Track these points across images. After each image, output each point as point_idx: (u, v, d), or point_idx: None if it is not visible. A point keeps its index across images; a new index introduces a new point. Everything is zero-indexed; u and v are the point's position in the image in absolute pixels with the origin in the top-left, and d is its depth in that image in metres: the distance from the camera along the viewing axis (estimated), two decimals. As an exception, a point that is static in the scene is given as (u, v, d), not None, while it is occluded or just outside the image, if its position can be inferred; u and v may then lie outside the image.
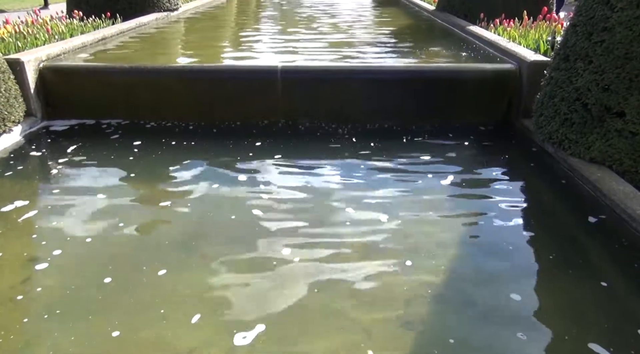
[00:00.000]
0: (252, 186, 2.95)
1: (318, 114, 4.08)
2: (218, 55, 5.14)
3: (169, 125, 3.98)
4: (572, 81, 3.10)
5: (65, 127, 3.97)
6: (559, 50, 3.36)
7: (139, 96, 4.09)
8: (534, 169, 3.27)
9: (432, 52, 5.13)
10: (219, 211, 2.68)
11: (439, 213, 2.68)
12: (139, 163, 3.27)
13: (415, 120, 4.01)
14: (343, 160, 3.35)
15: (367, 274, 2.16)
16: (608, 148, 2.87)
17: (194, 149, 3.54)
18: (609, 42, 2.84)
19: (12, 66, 3.74)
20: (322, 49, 5.28)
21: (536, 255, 2.33)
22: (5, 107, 3.47)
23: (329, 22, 7.66)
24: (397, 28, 6.95)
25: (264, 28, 7.06)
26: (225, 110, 4.08)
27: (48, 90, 4.06)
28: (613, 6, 2.83)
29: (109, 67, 4.27)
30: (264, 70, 4.23)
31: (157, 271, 2.14)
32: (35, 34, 4.77)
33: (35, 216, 2.61)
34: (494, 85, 4.05)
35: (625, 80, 2.77)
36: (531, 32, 4.92)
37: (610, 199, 2.65)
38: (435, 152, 3.50)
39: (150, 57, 4.83)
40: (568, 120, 3.12)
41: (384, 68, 4.34)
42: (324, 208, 2.71)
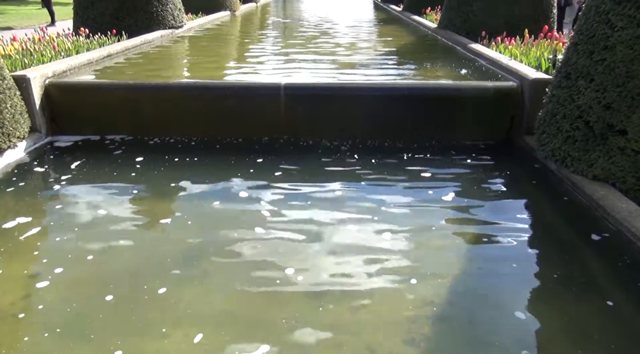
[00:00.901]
0: (253, 203, 2.95)
1: (320, 131, 4.09)
2: (222, 72, 5.19)
3: (172, 141, 4.00)
4: (574, 99, 3.11)
5: (70, 143, 3.99)
6: (560, 68, 3.38)
7: (142, 112, 4.12)
8: (537, 186, 3.26)
9: (434, 70, 5.17)
10: (220, 228, 2.67)
11: (442, 230, 2.67)
12: (141, 180, 3.28)
13: (417, 137, 4.02)
14: (344, 177, 3.35)
15: (370, 292, 2.14)
16: (611, 165, 2.87)
17: (196, 165, 3.55)
18: (610, 60, 2.86)
19: (19, 82, 3.78)
20: (324, 65, 5.33)
21: (540, 272, 2.32)
22: (10, 122, 3.50)
23: (331, 40, 7.74)
24: (399, 45, 7.02)
25: (267, 46, 7.14)
26: (229, 127, 4.10)
27: (53, 106, 4.09)
28: (613, 25, 2.86)
29: (113, 84, 4.31)
30: (267, 87, 4.26)
31: (159, 288, 2.13)
32: (42, 50, 4.83)
33: (37, 233, 2.61)
34: (496, 102, 4.07)
35: (627, 98, 2.77)
36: (532, 50, 4.96)
37: (613, 217, 2.64)
38: (438, 168, 3.50)
39: (154, 73, 4.88)
40: (570, 138, 3.12)
41: (386, 86, 4.37)
42: (326, 226, 2.70)
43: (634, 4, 2.74)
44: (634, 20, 2.73)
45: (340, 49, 6.64)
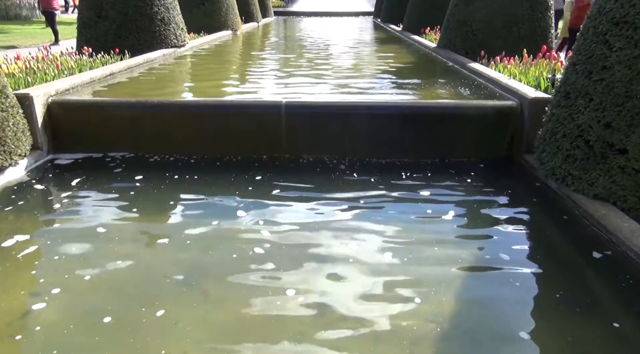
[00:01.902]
0: (252, 221, 2.94)
1: (320, 149, 4.11)
2: (223, 90, 5.22)
3: (172, 159, 4.01)
4: (574, 118, 3.13)
5: (71, 161, 4.00)
6: (559, 88, 3.40)
7: (144, 130, 4.14)
8: (538, 205, 3.26)
9: (433, 88, 5.21)
10: (219, 247, 2.66)
11: (443, 249, 2.66)
12: (141, 198, 3.28)
13: (417, 156, 4.03)
14: (343, 196, 3.34)
15: (372, 310, 2.12)
16: (612, 184, 2.87)
17: (195, 183, 3.55)
18: (609, 80, 2.88)
19: (21, 101, 3.81)
20: (325, 84, 5.37)
21: (543, 292, 2.30)
22: (12, 140, 3.51)
23: (331, 59, 7.82)
24: (399, 64, 7.08)
25: (268, 64, 7.21)
26: (229, 144, 4.12)
27: (55, 124, 4.11)
28: (611, 46, 2.89)
29: (115, 102, 4.34)
30: (268, 105, 4.29)
31: (158, 309, 2.11)
32: (45, 69, 4.87)
33: (35, 252, 2.59)
34: (496, 121, 4.09)
35: (626, 117, 2.79)
36: (531, 69, 5.01)
37: (615, 236, 2.63)
38: (437, 187, 3.50)
39: (156, 91, 4.91)
40: (571, 157, 3.13)
41: (386, 104, 4.40)
42: (326, 245, 2.69)
43: (631, 25, 2.77)
44: (631, 41, 2.77)
45: (341, 68, 6.70)
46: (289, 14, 28.76)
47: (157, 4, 7.02)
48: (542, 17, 6.27)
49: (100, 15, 6.71)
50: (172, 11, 7.41)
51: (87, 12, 6.80)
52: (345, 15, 27.23)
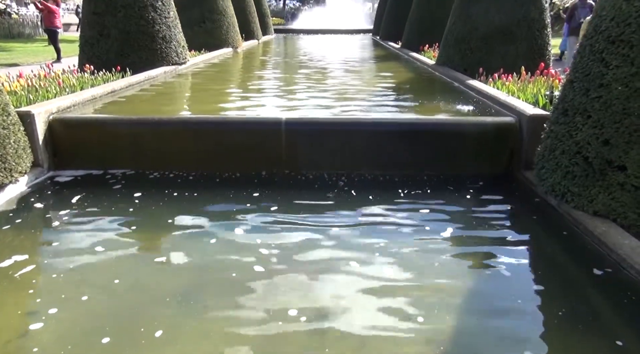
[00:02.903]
0: (251, 239, 2.93)
1: (320, 165, 4.12)
2: (223, 107, 5.26)
3: (171, 176, 4.01)
4: (572, 135, 3.14)
5: (71, 178, 4.00)
6: (557, 105, 3.43)
7: (144, 147, 4.16)
8: (538, 221, 3.25)
9: (432, 105, 5.25)
10: (218, 265, 2.65)
11: (443, 267, 2.65)
12: (140, 215, 3.27)
13: (416, 172, 4.04)
14: (343, 213, 3.34)
15: (373, 330, 2.10)
16: (611, 201, 2.87)
17: (195, 200, 3.54)
18: (607, 97, 2.91)
19: (23, 118, 3.83)
20: (325, 100, 5.40)
21: (545, 310, 2.28)
22: (13, 158, 3.52)
23: (331, 75, 7.88)
24: (398, 81, 7.14)
25: (268, 81, 7.27)
26: (229, 161, 4.13)
27: (56, 141, 4.13)
28: (608, 64, 2.92)
29: (116, 119, 4.36)
30: (268, 122, 4.31)
31: (157, 329, 2.09)
32: (47, 87, 4.91)
33: (33, 270, 2.57)
34: (495, 138, 4.11)
35: (624, 134, 2.80)
36: (529, 86, 5.05)
37: (616, 253, 2.62)
38: (437, 204, 3.50)
39: (157, 108, 4.95)
40: (570, 173, 3.14)
41: (385, 121, 4.42)
42: (326, 263, 2.67)
43: (627, 44, 2.80)
44: (627, 59, 2.80)
45: (341, 84, 6.75)
46: (289, 32, 29.11)
47: (159, 23, 7.11)
48: (539, 36, 6.34)
49: (103, 34, 6.79)
50: (174, 29, 7.50)
51: (89, 30, 6.89)
52: (344, 32, 27.55)
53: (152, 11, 7.01)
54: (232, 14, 12.39)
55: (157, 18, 7.08)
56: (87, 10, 6.92)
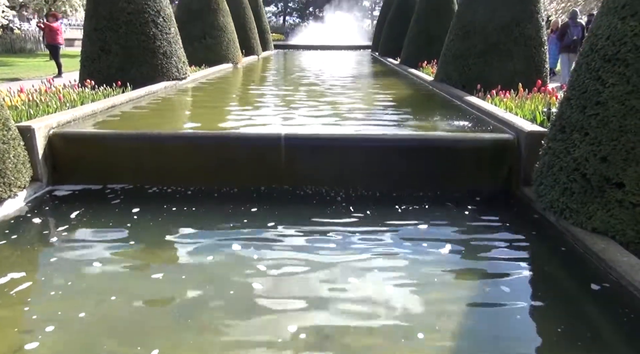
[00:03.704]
0: (249, 255, 2.92)
1: (319, 180, 4.12)
2: (223, 121, 5.28)
3: (170, 191, 4.01)
4: (570, 152, 3.16)
5: (70, 192, 4.00)
6: (555, 122, 3.45)
7: (144, 162, 4.17)
8: (537, 238, 3.25)
9: (431, 121, 5.28)
10: (216, 281, 2.63)
11: (442, 283, 2.64)
12: (139, 231, 3.26)
13: (414, 188, 4.04)
14: (341, 229, 3.32)
15: (374, 346, 2.09)
16: (610, 218, 2.87)
17: (193, 215, 3.54)
18: (603, 115, 2.93)
19: (23, 133, 3.84)
20: (324, 116, 5.44)
21: (544, 326, 2.27)
22: (12, 172, 3.53)
23: (330, 91, 7.94)
24: (397, 97, 7.19)
25: (267, 97, 7.32)
26: (229, 176, 4.14)
27: (56, 155, 4.14)
28: (604, 82, 2.95)
29: (116, 134, 4.38)
30: (268, 137, 4.33)
31: (154, 347, 2.07)
32: (48, 101, 4.94)
33: (30, 287, 2.55)
34: (493, 154, 4.13)
35: (621, 152, 2.82)
36: (527, 103, 5.08)
37: (615, 270, 2.61)
38: (435, 220, 3.50)
39: (156, 123, 4.97)
40: (568, 190, 3.15)
41: (384, 137, 4.43)
42: (324, 281, 2.65)
43: (622, 62, 2.84)
44: (623, 77, 2.83)
45: (340, 100, 6.79)
46: (288, 48, 29.37)
47: (160, 38, 7.18)
48: (536, 53, 6.41)
49: (104, 49, 6.86)
50: (174, 45, 7.57)
51: (90, 46, 6.95)
52: (344, 48, 27.80)
53: (154, 27, 7.09)
54: (232, 30, 12.52)
55: (158, 34, 7.15)
56: (88, 26, 6.99)
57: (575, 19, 10.96)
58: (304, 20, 63.57)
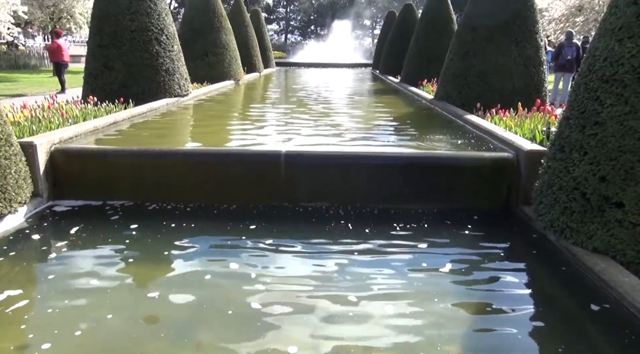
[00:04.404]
0: (247, 273, 2.90)
1: (319, 197, 4.13)
2: (224, 138, 5.31)
3: (169, 208, 4.01)
4: (569, 171, 3.17)
5: (70, 208, 4.01)
6: (554, 141, 3.47)
7: (144, 178, 4.18)
8: (537, 257, 3.24)
9: (431, 139, 5.30)
10: (214, 300, 2.61)
11: (442, 302, 2.62)
12: (137, 248, 3.25)
13: (414, 206, 4.04)
14: (340, 248, 3.32)
15: (368, 369, 2.07)
16: (610, 238, 2.86)
17: (192, 232, 3.53)
18: (602, 135, 2.94)
19: (25, 149, 3.86)
20: (324, 134, 5.46)
21: (545, 347, 2.26)
22: (13, 188, 3.54)
23: (331, 109, 7.99)
24: (397, 115, 7.23)
25: (268, 114, 7.36)
26: (229, 193, 4.14)
27: (57, 171, 4.15)
28: (603, 102, 2.97)
29: (117, 150, 4.40)
30: (268, 154, 4.35)
31: (150, 363, 2.06)
32: (50, 117, 4.97)
33: (27, 305, 2.53)
34: (493, 173, 4.13)
35: (620, 171, 2.83)
36: (527, 122, 5.12)
37: (616, 291, 2.60)
38: (434, 238, 3.49)
39: (157, 140, 4.99)
40: (568, 209, 3.15)
41: (384, 155, 4.45)
42: (323, 299, 2.63)
43: (620, 83, 2.86)
44: (621, 98, 2.85)
45: (340, 118, 6.83)
46: (289, 65, 29.66)
47: (163, 56, 7.26)
48: (535, 72, 6.48)
49: (107, 66, 6.93)
50: (177, 62, 7.65)
51: (94, 62, 7.03)
52: (345, 66, 28.06)
53: (157, 44, 7.17)
54: (234, 47, 12.66)
55: (161, 51, 7.24)
56: (92, 43, 7.08)
57: (570, 39, 11.28)
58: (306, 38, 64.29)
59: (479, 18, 6.74)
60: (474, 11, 6.87)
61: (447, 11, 11.48)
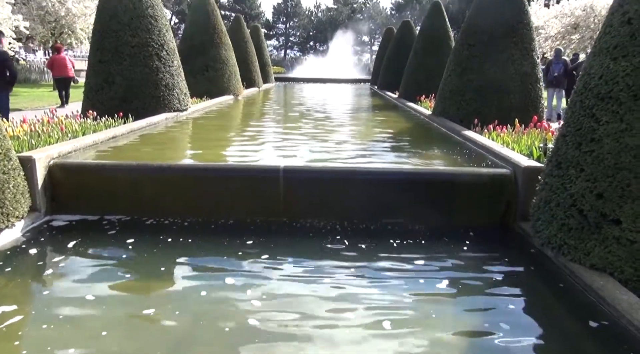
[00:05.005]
0: (244, 289, 2.88)
1: (317, 213, 4.12)
2: (222, 153, 5.32)
3: (167, 223, 4.00)
4: (566, 187, 3.18)
5: (67, 222, 3.99)
6: (551, 157, 3.49)
7: (142, 193, 4.17)
8: (535, 274, 3.23)
9: (429, 155, 5.32)
10: (210, 317, 2.59)
11: (440, 320, 2.60)
12: (134, 263, 3.24)
13: (412, 222, 4.03)
14: (335, 263, 3.30)
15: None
16: (608, 255, 2.86)
17: (189, 247, 3.52)
18: (598, 152, 2.96)
19: (24, 163, 3.87)
20: (323, 149, 5.48)
21: (543, 368, 2.24)
22: (11, 203, 3.53)
23: (330, 124, 8.03)
24: (396, 131, 7.27)
25: (267, 129, 7.40)
26: (227, 208, 4.14)
27: (55, 185, 4.15)
28: (598, 119, 3.00)
29: (115, 164, 4.41)
30: (266, 169, 4.35)
31: (145, 381, 2.03)
32: (50, 132, 4.99)
33: (21, 321, 2.50)
34: (491, 188, 4.14)
35: (617, 188, 2.84)
36: (524, 138, 5.14)
37: (614, 309, 2.59)
38: (432, 254, 3.48)
39: (157, 154, 5.00)
40: (565, 226, 3.15)
41: (382, 170, 4.47)
42: (321, 317, 2.62)
43: (615, 101, 2.89)
44: (617, 115, 2.88)
45: (339, 133, 6.86)
46: (288, 80, 29.86)
47: (163, 71, 7.32)
48: (532, 89, 6.54)
49: (107, 81, 6.97)
50: (177, 77, 7.70)
51: (95, 77, 7.08)
52: (343, 82, 28.25)
53: (157, 60, 7.23)
54: (234, 63, 12.76)
55: (162, 67, 7.29)
56: (93, 58, 7.14)
57: (558, 56, 11.81)
58: (305, 53, 64.84)
59: (475, 35, 6.82)
60: (471, 28, 6.96)
61: (445, 28, 11.63)
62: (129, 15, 7.02)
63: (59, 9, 17.80)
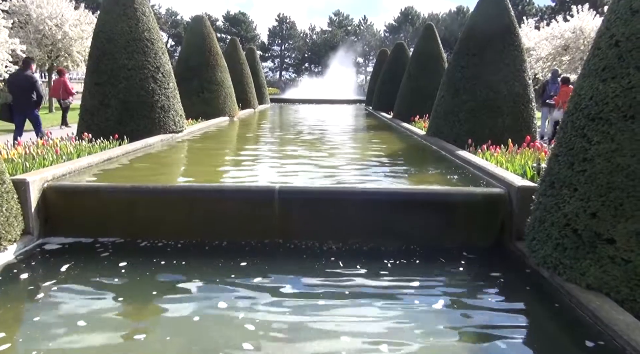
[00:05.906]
0: (238, 312, 2.85)
1: (312, 234, 4.11)
2: (217, 175, 5.32)
3: (160, 245, 3.97)
4: (560, 207, 3.19)
5: (60, 245, 3.95)
6: (544, 177, 3.51)
7: (137, 215, 4.15)
8: (531, 294, 3.21)
9: (423, 175, 5.35)
10: (205, 341, 2.56)
11: (436, 341, 2.58)
12: (126, 287, 3.20)
13: (407, 242, 4.02)
14: (330, 283, 3.28)
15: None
16: (603, 275, 2.86)
17: (182, 269, 3.48)
18: (591, 171, 2.98)
19: (17, 186, 3.85)
20: (318, 170, 5.50)
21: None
22: (4, 226, 3.50)
23: (325, 145, 8.07)
24: (390, 151, 7.31)
25: (262, 150, 7.42)
26: (221, 229, 4.11)
27: (49, 208, 4.12)
28: (590, 139, 3.03)
29: (109, 187, 4.39)
30: (262, 190, 4.35)
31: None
32: (44, 154, 4.98)
33: (9, 349, 2.45)
34: (485, 208, 4.15)
35: (610, 208, 2.85)
36: (517, 157, 5.19)
37: (611, 329, 2.57)
38: (427, 275, 3.47)
39: (151, 176, 5.00)
40: (560, 245, 3.15)
41: (376, 191, 4.48)
42: (316, 339, 2.59)
43: (606, 122, 2.93)
44: (608, 135, 2.91)
45: (334, 154, 6.89)
46: (284, 101, 30.05)
47: (158, 93, 7.37)
48: (524, 109, 6.62)
49: (103, 103, 7.01)
50: (172, 99, 7.75)
51: (90, 100, 7.11)
52: (338, 102, 28.47)
53: (153, 82, 7.29)
54: (229, 85, 12.87)
55: (157, 89, 7.35)
56: (90, 81, 7.19)
57: (555, 77, 11.97)
58: (300, 75, 65.49)
59: (467, 57, 6.93)
60: (463, 50, 7.07)
61: (438, 50, 11.81)
62: (126, 39, 7.10)
63: (56, 32, 17.95)
